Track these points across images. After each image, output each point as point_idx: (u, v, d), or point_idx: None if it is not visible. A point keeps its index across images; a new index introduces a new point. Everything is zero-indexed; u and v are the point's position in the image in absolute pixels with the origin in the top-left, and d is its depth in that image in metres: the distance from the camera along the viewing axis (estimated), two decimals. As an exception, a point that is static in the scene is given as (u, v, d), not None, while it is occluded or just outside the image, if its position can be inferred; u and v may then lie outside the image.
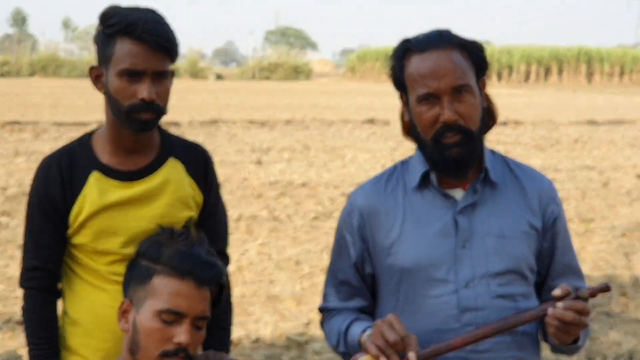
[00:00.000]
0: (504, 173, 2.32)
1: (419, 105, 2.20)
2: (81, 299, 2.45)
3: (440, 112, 2.16)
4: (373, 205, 2.33)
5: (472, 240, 2.25)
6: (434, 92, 2.16)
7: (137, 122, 2.33)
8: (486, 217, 2.26)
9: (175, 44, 2.34)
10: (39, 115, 20.64)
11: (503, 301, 2.24)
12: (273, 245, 8.19)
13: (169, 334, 2.06)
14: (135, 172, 2.43)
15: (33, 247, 2.46)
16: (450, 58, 2.18)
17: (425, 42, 2.21)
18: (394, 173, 2.38)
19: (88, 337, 2.42)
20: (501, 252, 2.25)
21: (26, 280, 2.47)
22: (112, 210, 2.40)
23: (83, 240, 2.42)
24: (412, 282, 2.28)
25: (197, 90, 37.00)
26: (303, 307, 6.32)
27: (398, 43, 2.27)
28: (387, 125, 21.00)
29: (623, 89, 52.17)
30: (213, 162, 2.62)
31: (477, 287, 2.24)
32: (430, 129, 2.20)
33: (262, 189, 11.21)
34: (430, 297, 2.26)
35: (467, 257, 2.24)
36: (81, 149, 2.45)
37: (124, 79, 2.29)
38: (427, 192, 2.29)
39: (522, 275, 2.28)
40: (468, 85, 2.18)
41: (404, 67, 2.23)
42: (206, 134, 17.87)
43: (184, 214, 2.48)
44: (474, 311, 2.24)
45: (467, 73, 2.20)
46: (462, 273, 2.24)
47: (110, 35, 2.31)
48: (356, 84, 53.68)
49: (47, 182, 2.42)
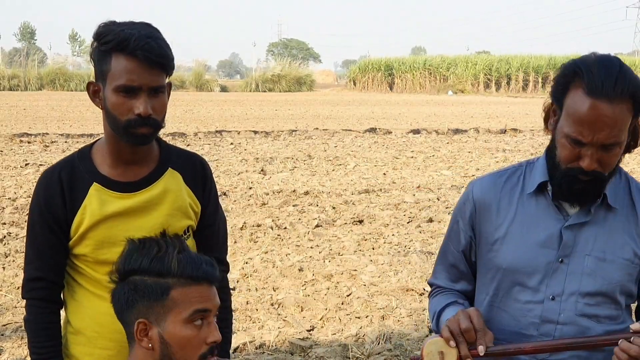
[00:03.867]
0: (623, 198, 2.29)
1: (565, 138, 2.15)
2: (83, 308, 2.45)
3: (582, 156, 2.13)
4: (488, 199, 2.36)
5: (572, 256, 2.25)
6: (584, 142, 2.11)
7: (134, 137, 2.33)
8: (592, 237, 2.25)
9: (170, 59, 2.33)
10: (47, 128, 20.70)
11: (586, 320, 2.26)
12: (277, 252, 8.18)
13: (203, 337, 2.08)
14: (135, 183, 2.43)
15: (35, 258, 2.45)
16: (613, 114, 2.07)
17: (597, 88, 2.07)
18: (517, 172, 2.38)
19: (91, 345, 2.42)
20: (597, 274, 2.25)
21: (28, 291, 2.46)
22: (112, 220, 2.40)
23: (84, 250, 2.42)
24: (504, 282, 2.32)
25: (202, 101, 37.08)
26: (306, 313, 6.31)
27: (570, 64, 2.17)
28: (389, 134, 21.02)
29: (620, 97, 52.08)
30: (211, 172, 2.61)
31: (564, 302, 2.25)
32: (567, 162, 2.17)
33: (266, 197, 11.21)
34: (517, 301, 2.30)
35: (563, 272, 2.26)
36: (81, 161, 2.45)
37: (120, 94, 2.29)
38: (543, 199, 2.29)
39: (614, 300, 2.27)
40: (619, 142, 2.12)
41: (567, 91, 2.15)
42: (211, 144, 17.89)
43: (183, 223, 2.48)
44: (554, 324, 2.26)
45: (624, 129, 2.12)
46: (553, 286, 2.26)
47: (106, 51, 2.30)
48: (358, 94, 53.70)
49: (48, 194, 2.42)
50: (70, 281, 2.49)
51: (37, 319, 2.46)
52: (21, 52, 63.28)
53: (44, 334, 2.45)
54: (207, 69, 62.36)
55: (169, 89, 2.39)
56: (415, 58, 64.40)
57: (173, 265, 2.08)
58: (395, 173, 13.78)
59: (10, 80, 49.49)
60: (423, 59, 62.23)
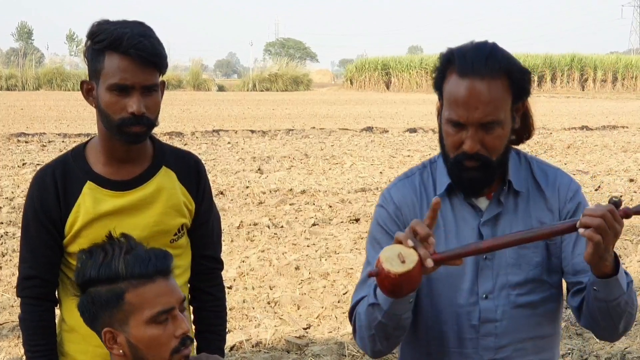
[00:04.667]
0: (527, 181, 2.29)
1: (447, 124, 2.16)
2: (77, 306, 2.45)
3: (465, 140, 2.13)
4: (410, 201, 2.29)
5: (495, 252, 2.21)
6: (462, 122, 2.12)
7: (128, 135, 2.33)
8: (508, 227, 2.24)
9: (163, 57, 2.33)
10: (45, 127, 20.66)
11: (522, 310, 2.25)
12: (273, 251, 8.18)
13: (171, 332, 2.03)
14: (129, 182, 2.43)
15: (29, 257, 2.45)
16: (488, 90, 2.09)
17: (468, 66, 2.11)
18: (424, 173, 2.34)
19: (85, 343, 2.41)
20: (520, 262, 2.24)
21: (23, 290, 2.47)
22: (106, 219, 2.40)
23: (78, 248, 2.39)
24: (439, 287, 2.27)
25: (200, 101, 37.03)
26: (303, 311, 6.31)
27: (445, 51, 2.19)
28: (385, 133, 21.03)
29: (616, 95, 52.22)
30: (205, 170, 2.61)
31: (496, 298, 2.24)
32: (453, 150, 2.17)
33: (262, 196, 11.20)
34: (453, 305, 2.26)
35: (489, 268, 2.24)
36: (75, 160, 2.45)
37: (113, 93, 2.29)
38: (455, 199, 2.27)
39: (542, 282, 2.26)
40: (497, 120, 2.12)
41: (444, 79, 2.17)
42: (208, 143, 17.88)
43: (176, 222, 2.48)
44: (493, 322, 2.25)
45: (500, 106, 2.12)
46: (484, 284, 2.24)
47: (99, 50, 2.30)
48: (355, 93, 53.67)
49: (42, 193, 2.42)
50: (64, 279, 2.49)
51: (32, 317, 2.45)
52: (18, 52, 63.25)
53: (39, 332, 2.45)
54: (204, 68, 62.45)
55: (162, 88, 2.39)
56: (411, 57, 64.28)
57: (120, 268, 2.03)
58: (392, 172, 13.77)
59: (8, 80, 49.32)
60: (419, 58, 62.07)
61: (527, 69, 2.20)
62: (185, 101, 35.56)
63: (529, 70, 2.22)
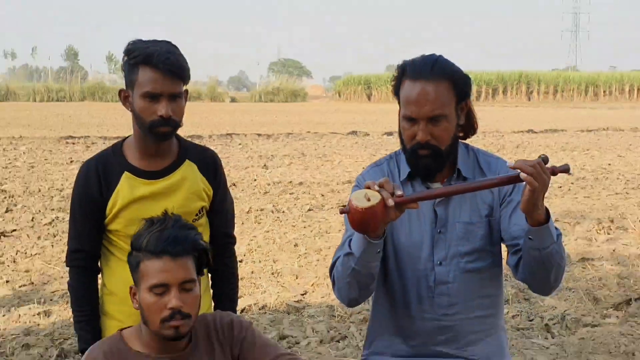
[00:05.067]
0: (474, 169, 2.31)
1: (404, 121, 2.20)
2: (116, 274, 2.45)
3: (417, 132, 2.17)
4: None
5: (447, 226, 2.26)
6: (414, 117, 2.16)
7: (157, 134, 2.33)
8: (458, 207, 2.27)
9: (186, 70, 2.33)
10: (89, 132, 20.60)
11: (470, 275, 2.27)
12: (276, 231, 8.17)
13: (163, 303, 2.00)
14: (158, 172, 2.43)
15: (75, 235, 2.46)
16: (434, 90, 2.14)
17: (417, 72, 2.16)
18: (390, 162, 2.36)
19: (122, 304, 2.40)
20: (468, 236, 2.26)
21: (71, 261, 2.47)
22: (140, 202, 2.40)
23: (117, 227, 2.42)
24: (403, 256, 2.29)
25: (215, 110, 36.93)
26: (300, 280, 6.31)
27: (400, 64, 2.24)
28: (367, 136, 21.01)
29: (556, 105, 52.32)
30: (221, 163, 2.61)
31: (449, 265, 2.26)
32: (409, 141, 2.20)
33: (267, 187, 11.20)
34: (414, 270, 2.28)
35: (443, 240, 2.27)
36: (114, 154, 2.45)
37: (145, 100, 2.29)
38: (415, 184, 2.29)
39: (486, 251, 2.29)
40: (443, 114, 2.15)
41: (399, 86, 2.22)
42: (223, 145, 17.83)
43: (197, 205, 2.48)
44: (445, 284, 2.27)
45: (446, 103, 2.16)
46: (439, 253, 2.27)
47: (134, 64, 2.30)
48: (342, 103, 53.56)
49: (87, 182, 2.42)
50: (105, 252, 2.49)
51: (78, 284, 2.46)
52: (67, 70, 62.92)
53: (84, 296, 2.46)
54: (219, 83, 62.23)
55: (186, 95, 2.39)
56: (389, 74, 64.04)
57: (144, 242, 2.03)
58: (373, 167, 13.74)
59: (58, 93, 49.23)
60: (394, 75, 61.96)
61: (467, 75, 2.24)
62: (203, 110, 35.44)
63: (469, 76, 2.25)
